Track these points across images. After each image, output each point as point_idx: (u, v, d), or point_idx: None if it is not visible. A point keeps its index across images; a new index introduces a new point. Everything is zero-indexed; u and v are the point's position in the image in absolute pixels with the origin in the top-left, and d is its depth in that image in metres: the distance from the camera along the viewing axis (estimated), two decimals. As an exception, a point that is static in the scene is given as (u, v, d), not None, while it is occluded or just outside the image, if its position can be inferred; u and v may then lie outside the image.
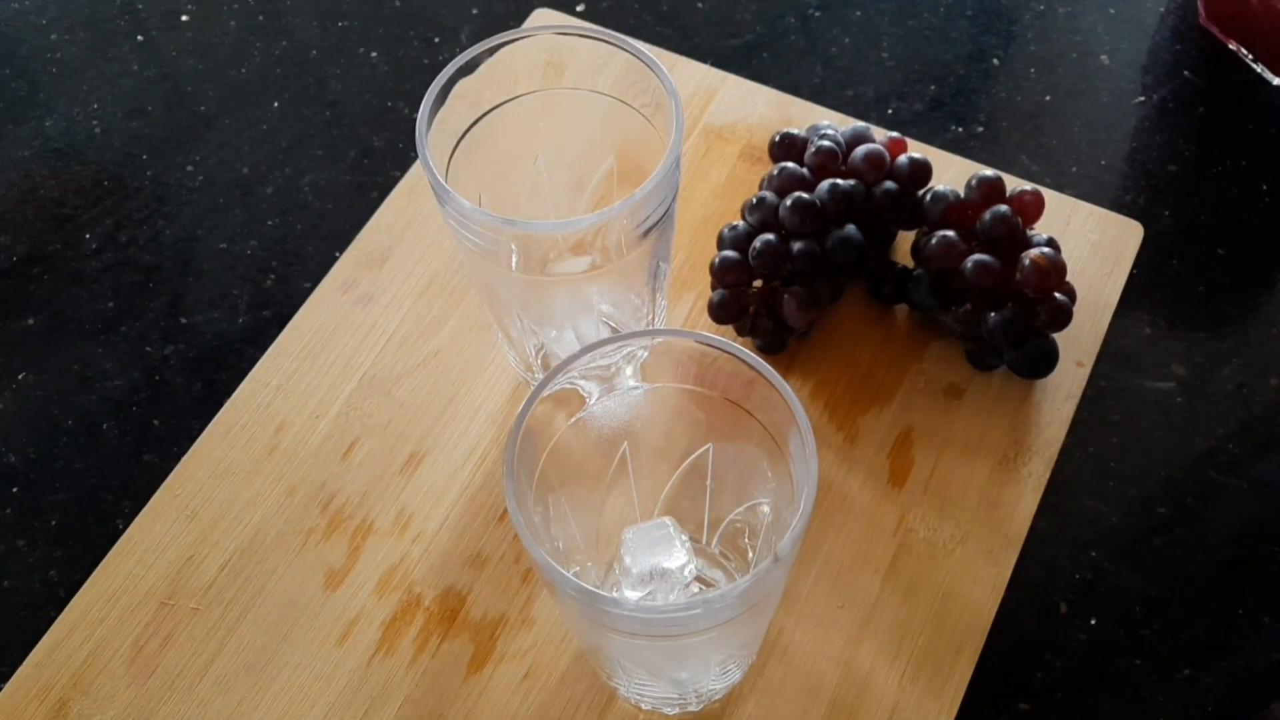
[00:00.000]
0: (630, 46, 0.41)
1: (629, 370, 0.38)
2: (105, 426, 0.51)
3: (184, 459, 0.49)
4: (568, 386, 0.36)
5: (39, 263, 0.56)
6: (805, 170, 0.49)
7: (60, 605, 0.46)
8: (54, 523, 0.49)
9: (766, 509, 0.40)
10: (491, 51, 0.42)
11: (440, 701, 0.43)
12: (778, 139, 0.52)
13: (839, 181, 0.48)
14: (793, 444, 0.35)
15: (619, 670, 0.40)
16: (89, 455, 0.50)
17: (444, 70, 0.41)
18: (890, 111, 0.59)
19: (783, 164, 0.50)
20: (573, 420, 0.38)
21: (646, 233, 0.41)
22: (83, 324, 0.54)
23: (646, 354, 0.37)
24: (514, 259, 0.41)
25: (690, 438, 0.40)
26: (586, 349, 0.35)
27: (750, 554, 0.42)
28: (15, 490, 0.50)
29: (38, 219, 0.57)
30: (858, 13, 0.63)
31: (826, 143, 0.49)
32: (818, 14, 0.63)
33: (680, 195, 0.56)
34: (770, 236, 0.48)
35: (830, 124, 0.52)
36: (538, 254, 0.40)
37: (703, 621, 0.33)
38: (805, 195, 0.47)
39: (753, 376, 0.35)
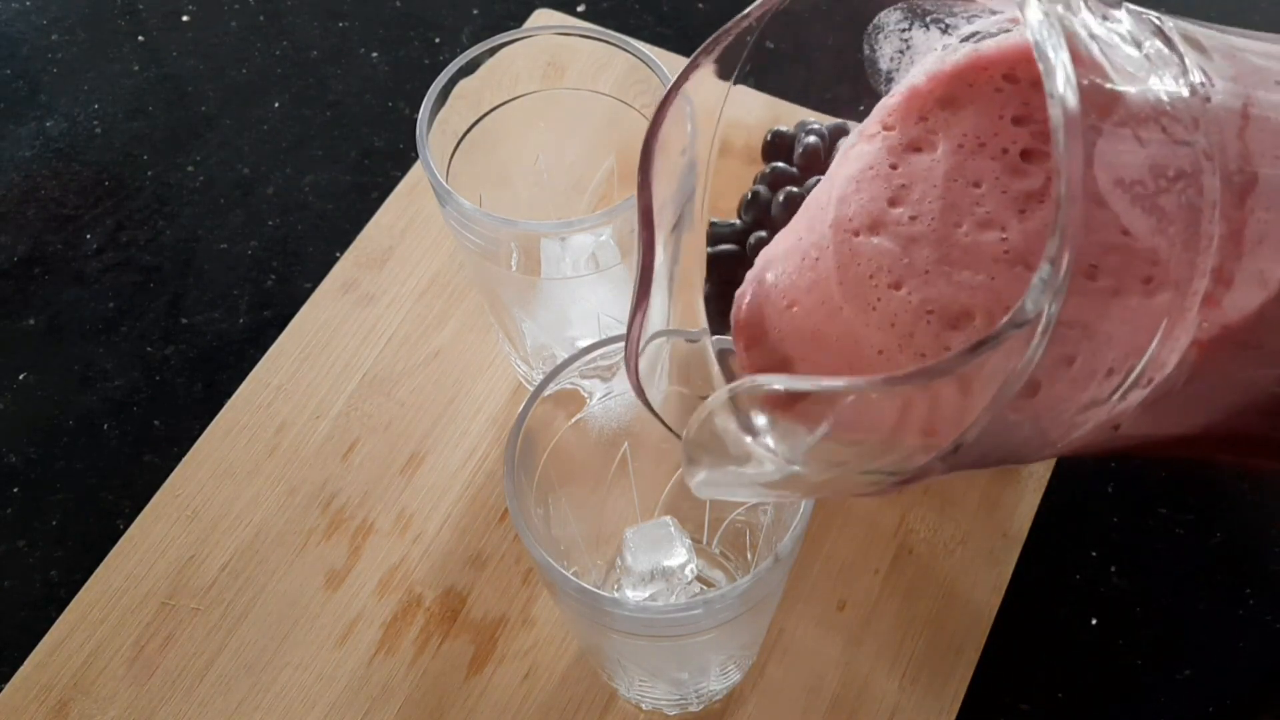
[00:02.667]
0: (631, 47, 0.41)
1: None
2: (106, 427, 0.51)
3: (184, 459, 0.49)
4: (568, 386, 0.36)
5: (40, 263, 0.56)
6: (794, 169, 0.50)
7: (61, 605, 0.46)
8: (55, 523, 0.49)
9: (767, 509, 0.40)
10: (492, 52, 0.42)
11: (441, 702, 0.43)
12: (769, 137, 0.52)
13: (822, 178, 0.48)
14: None
15: (619, 671, 0.40)
16: (89, 455, 0.50)
17: (444, 70, 0.41)
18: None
19: (774, 163, 0.50)
20: (573, 420, 0.38)
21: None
22: (83, 324, 0.54)
23: None
24: (514, 259, 0.41)
25: (691, 438, 0.40)
26: (586, 349, 0.35)
27: (751, 554, 0.42)
28: (16, 490, 0.50)
29: (38, 219, 0.57)
30: (858, 13, 0.63)
31: (812, 138, 0.49)
32: (818, 14, 0.63)
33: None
34: (763, 233, 0.48)
35: (816, 121, 0.52)
36: (538, 254, 0.40)
37: (703, 621, 0.33)
38: (795, 189, 0.47)
39: None
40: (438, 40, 0.63)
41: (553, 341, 0.46)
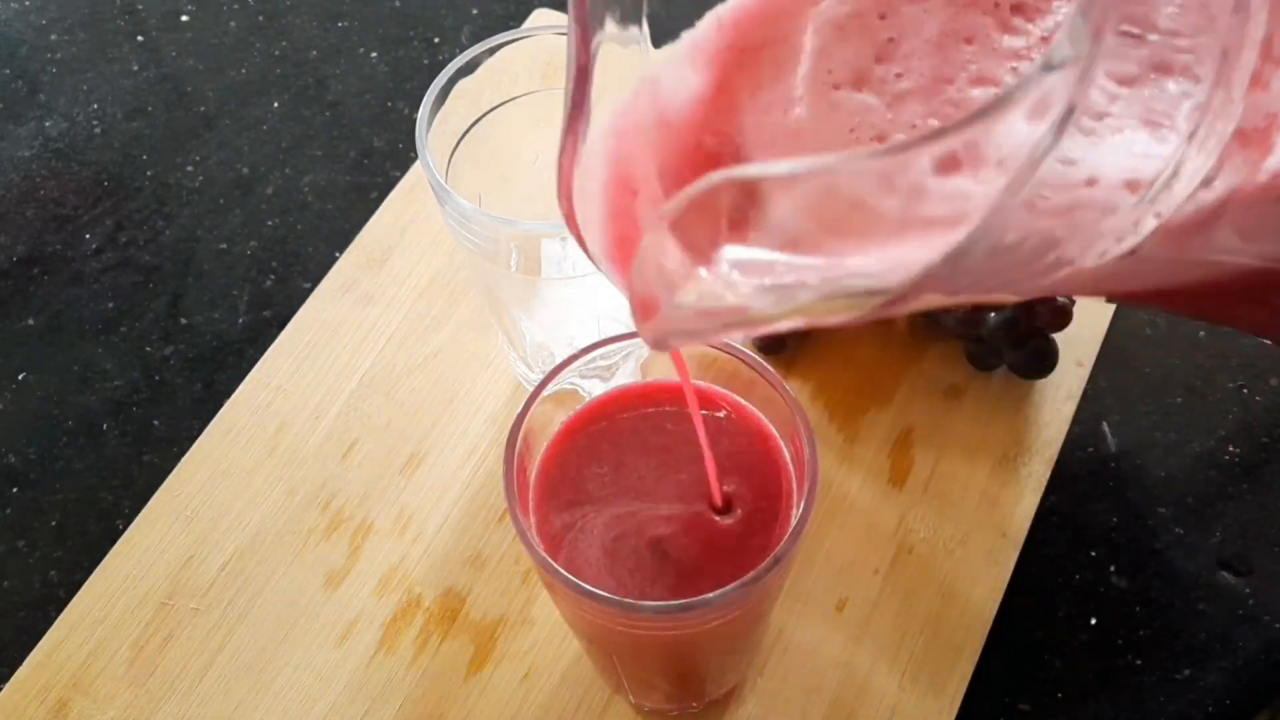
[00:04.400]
0: None
1: (629, 370, 0.38)
2: (105, 427, 0.51)
3: (184, 459, 0.49)
4: (567, 386, 0.36)
5: (39, 263, 0.56)
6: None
7: (60, 605, 0.46)
8: (54, 523, 0.49)
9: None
10: (491, 52, 0.42)
11: (440, 702, 0.43)
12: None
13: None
14: (793, 444, 0.35)
15: (619, 670, 0.40)
16: (89, 455, 0.50)
17: (444, 70, 0.41)
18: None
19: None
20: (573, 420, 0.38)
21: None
22: (83, 324, 0.54)
23: (647, 354, 0.37)
24: (514, 259, 0.41)
25: (690, 438, 0.40)
26: (587, 349, 0.35)
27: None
28: (15, 490, 0.50)
29: (38, 219, 0.57)
30: (858, 13, 0.63)
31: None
32: (818, 14, 0.63)
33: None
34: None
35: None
36: (538, 254, 0.40)
37: (702, 620, 0.33)
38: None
39: (753, 377, 0.35)
40: (437, 40, 0.63)
41: (552, 341, 0.46)
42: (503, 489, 0.34)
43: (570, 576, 0.32)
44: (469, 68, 0.41)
